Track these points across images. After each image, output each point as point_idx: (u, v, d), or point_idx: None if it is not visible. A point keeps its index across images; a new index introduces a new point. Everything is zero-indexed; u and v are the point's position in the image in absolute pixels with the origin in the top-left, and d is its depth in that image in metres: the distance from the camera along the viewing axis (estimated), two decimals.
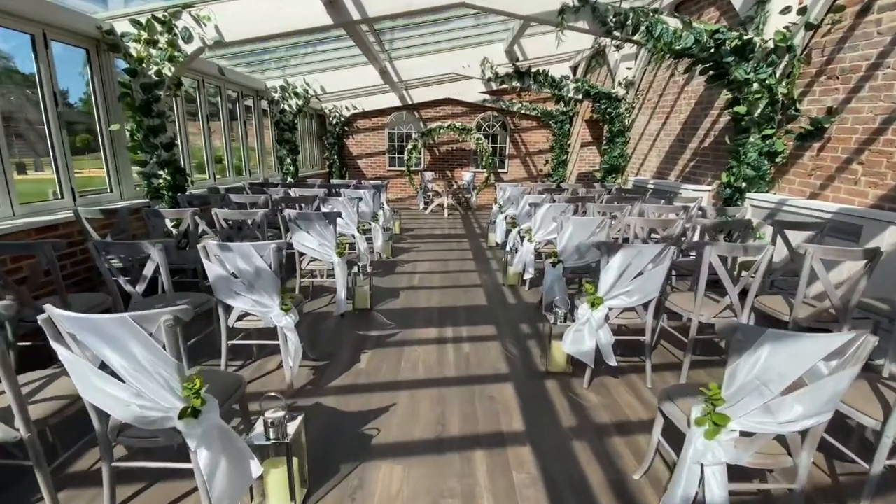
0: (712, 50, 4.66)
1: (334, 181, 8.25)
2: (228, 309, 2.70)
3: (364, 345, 3.52)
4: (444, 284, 5.17)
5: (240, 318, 2.73)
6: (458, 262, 6.25)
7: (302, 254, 3.99)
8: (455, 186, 11.88)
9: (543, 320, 3.99)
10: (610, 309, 2.78)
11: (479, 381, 3.00)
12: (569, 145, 12.05)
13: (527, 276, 4.81)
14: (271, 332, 2.74)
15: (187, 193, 5.17)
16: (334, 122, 11.93)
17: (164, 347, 1.50)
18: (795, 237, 3.73)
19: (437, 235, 8.19)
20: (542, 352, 3.36)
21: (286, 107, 8.30)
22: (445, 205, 10.72)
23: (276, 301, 2.60)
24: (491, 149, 12.27)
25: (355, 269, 4.22)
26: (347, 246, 5.13)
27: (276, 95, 8.22)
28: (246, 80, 7.65)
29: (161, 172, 4.91)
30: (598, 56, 9.68)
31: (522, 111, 12.03)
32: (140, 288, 2.62)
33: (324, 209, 5.01)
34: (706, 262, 2.72)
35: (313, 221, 3.77)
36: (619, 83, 8.28)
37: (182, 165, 5.18)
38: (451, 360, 3.29)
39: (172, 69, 4.71)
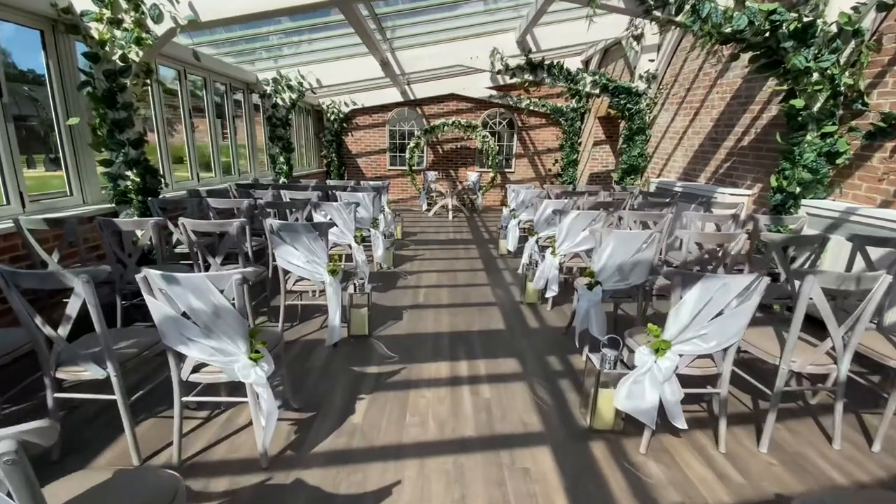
0: (767, 34, 4.03)
1: (331, 182, 7.62)
2: (183, 356, 2.06)
3: (360, 386, 2.88)
4: (453, 302, 4.53)
5: (196, 370, 2.09)
6: (467, 273, 5.62)
7: (287, 272, 3.35)
8: (459, 187, 11.23)
9: (575, 351, 3.36)
10: (680, 356, 2.14)
11: (507, 443, 2.36)
12: (579, 144, 11.41)
13: (549, 294, 4.17)
14: (239, 384, 2.10)
15: (161, 197, 4.53)
16: (332, 118, 11.28)
17: None
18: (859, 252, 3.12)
19: (443, 241, 7.55)
20: (581, 400, 2.71)
21: (279, 101, 7.66)
22: (449, 206, 10.08)
23: (242, 348, 1.97)
24: (497, 147, 11.62)
25: (351, 288, 3.58)
26: (343, 258, 4.50)
27: (269, 88, 7.58)
28: (234, 70, 7.00)
29: (129, 173, 4.27)
30: (617, 47, 9.04)
31: (531, 108, 11.39)
32: (64, 331, 1.98)
33: (316, 216, 4.38)
34: (805, 296, 2.08)
35: (300, 234, 3.14)
36: (640, 77, 7.64)
37: (155, 165, 4.52)
38: (468, 410, 2.65)
39: (140, 53, 4.06)
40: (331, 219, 4.29)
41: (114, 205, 4.31)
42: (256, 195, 5.23)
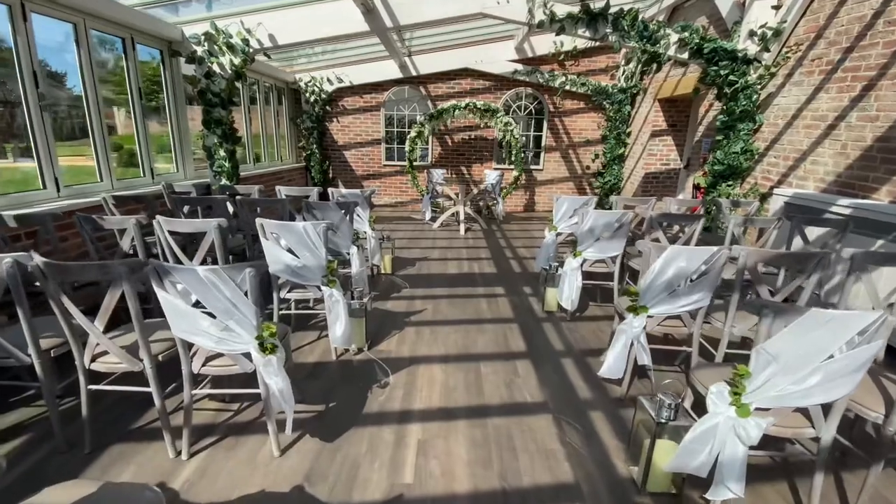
0: None
1: (284, 190, 5.12)
2: None
3: None
4: (481, 488, 2.10)
5: None
6: (500, 367, 3.15)
7: None
8: (475, 191, 8.75)
9: None
10: None
11: None
12: (628, 134, 8.89)
13: (725, 497, 1.73)
14: None
15: None
16: (312, 98, 8.81)
17: None
18: None
19: (453, 279, 5.08)
20: None
21: (215, 67, 5.20)
22: (461, 217, 7.60)
23: None
24: (522, 138, 9.11)
25: None
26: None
27: (199, 49, 5.12)
28: (137, 18, 4.54)
29: None
30: (693, 2, 6.49)
31: (566, 86, 8.86)
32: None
33: (171, 298, 1.93)
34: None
35: None
36: (752, 35, 5.09)
37: None
38: None
39: None
40: (197, 301, 1.86)
41: None
42: (108, 224, 2.80)
